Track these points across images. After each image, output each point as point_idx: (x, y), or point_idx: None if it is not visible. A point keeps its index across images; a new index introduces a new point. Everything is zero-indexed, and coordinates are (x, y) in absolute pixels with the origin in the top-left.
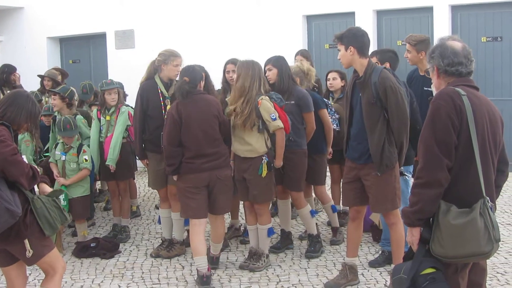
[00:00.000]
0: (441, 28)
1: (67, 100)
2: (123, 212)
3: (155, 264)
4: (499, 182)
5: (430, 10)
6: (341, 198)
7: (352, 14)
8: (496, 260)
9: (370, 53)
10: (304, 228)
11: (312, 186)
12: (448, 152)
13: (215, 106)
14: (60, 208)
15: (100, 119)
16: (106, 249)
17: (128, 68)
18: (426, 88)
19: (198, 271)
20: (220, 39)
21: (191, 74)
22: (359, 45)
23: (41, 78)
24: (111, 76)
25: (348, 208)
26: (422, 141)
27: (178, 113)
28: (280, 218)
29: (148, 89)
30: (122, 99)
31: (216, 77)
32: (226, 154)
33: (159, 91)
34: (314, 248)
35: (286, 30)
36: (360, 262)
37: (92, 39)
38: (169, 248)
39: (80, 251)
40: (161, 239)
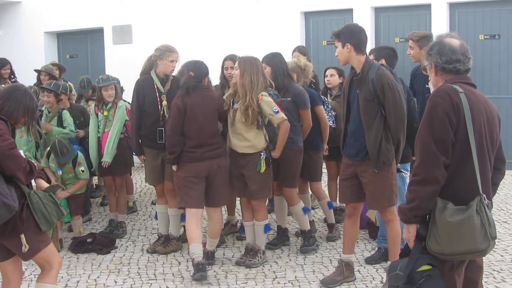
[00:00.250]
0: (439, 25)
1: (60, 96)
2: (119, 207)
3: (151, 259)
4: (495, 180)
5: (428, 7)
6: (337, 195)
7: (350, 11)
8: (492, 257)
9: (369, 51)
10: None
11: (309, 182)
12: (445, 149)
13: (218, 101)
14: (57, 203)
15: (97, 115)
16: (103, 244)
17: (125, 64)
18: (428, 86)
19: (194, 260)
20: (218, 35)
21: (198, 70)
22: (356, 42)
23: (37, 73)
24: (108, 71)
25: (345, 204)
26: (419, 138)
27: (184, 104)
28: (276, 215)
29: (144, 84)
30: (119, 95)
31: (213, 73)
32: (224, 145)
33: (155, 86)
34: (308, 242)
35: (284, 27)
36: (357, 259)
37: (89, 34)
38: (165, 244)
39: (76, 246)
40: (157, 235)
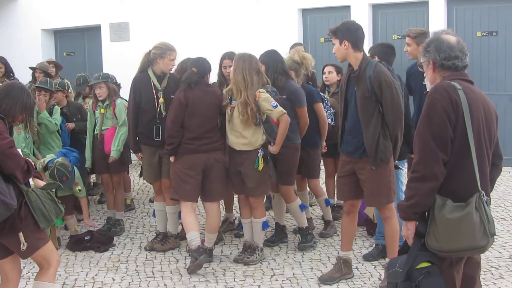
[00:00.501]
0: (436, 22)
1: (54, 94)
2: (117, 205)
3: (149, 257)
4: (493, 176)
5: (425, 4)
6: (335, 192)
7: (347, 8)
8: (490, 254)
9: (367, 48)
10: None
11: (307, 179)
12: (444, 146)
13: (218, 98)
14: (55, 200)
15: (95, 112)
16: (100, 242)
17: (122, 61)
18: (425, 83)
19: (191, 247)
20: (215, 32)
21: (200, 66)
22: (354, 39)
23: (32, 70)
24: (105, 68)
25: (343, 202)
26: (418, 135)
27: (185, 98)
28: (274, 212)
29: (141, 82)
30: (115, 92)
31: (212, 70)
32: (222, 139)
33: (152, 84)
34: (306, 239)
35: (281, 24)
36: (355, 256)
37: (86, 31)
38: (163, 242)
39: (74, 244)
40: (155, 232)
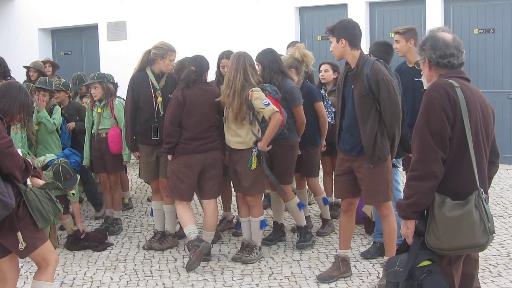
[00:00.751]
0: (433, 20)
1: (54, 94)
2: (114, 204)
3: (147, 256)
4: (490, 174)
5: (422, 1)
6: (333, 190)
7: (344, 6)
8: (488, 252)
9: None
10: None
11: (305, 178)
12: (443, 144)
13: (216, 96)
14: (53, 200)
15: (92, 111)
16: (97, 240)
17: (120, 60)
18: (417, 79)
19: (191, 237)
20: (212, 31)
21: (199, 64)
22: (351, 37)
23: (26, 69)
24: (103, 67)
25: (340, 200)
26: (417, 133)
27: (183, 96)
28: (273, 210)
29: (139, 81)
30: (111, 92)
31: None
32: (219, 138)
33: (150, 83)
34: (304, 238)
35: (278, 22)
36: (353, 254)
37: (84, 30)
38: (161, 241)
39: (72, 243)
40: (153, 232)
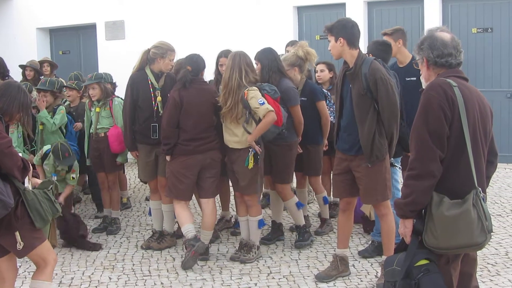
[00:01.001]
0: (431, 19)
1: (57, 94)
2: (112, 204)
3: (145, 256)
4: (488, 173)
5: (420, 1)
6: (331, 190)
7: (343, 5)
8: (486, 251)
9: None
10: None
11: (307, 177)
12: (441, 143)
13: (213, 95)
14: (51, 200)
15: (91, 111)
16: (91, 245)
17: (118, 59)
18: (408, 79)
19: (188, 236)
20: (211, 30)
21: (195, 63)
22: (349, 36)
23: (22, 69)
24: (101, 67)
25: (339, 199)
26: (415, 132)
27: (180, 97)
28: (272, 210)
29: (138, 80)
30: (108, 93)
31: (207, 68)
32: (217, 138)
33: (150, 82)
34: (303, 237)
35: (277, 21)
36: (351, 254)
37: (82, 30)
38: (159, 240)
39: (69, 242)
40: (151, 231)
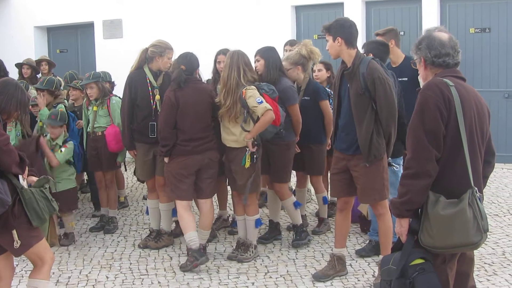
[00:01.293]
0: (429, 19)
1: (55, 93)
2: (110, 203)
3: (143, 255)
4: (485, 173)
5: (418, 1)
6: (329, 189)
7: (341, 5)
8: (483, 250)
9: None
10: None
11: (308, 177)
12: (437, 142)
13: (210, 94)
14: (48, 198)
15: (88, 109)
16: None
17: (115, 58)
18: (400, 79)
19: (192, 247)
20: (209, 29)
21: (188, 62)
22: (347, 36)
23: (19, 68)
24: (98, 65)
25: (336, 198)
26: (411, 132)
27: (176, 97)
28: (269, 209)
29: (136, 79)
30: (106, 92)
31: (205, 68)
32: (215, 138)
33: (148, 81)
34: (300, 237)
35: (275, 21)
36: (348, 253)
37: (79, 28)
38: (157, 239)
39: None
40: (149, 230)
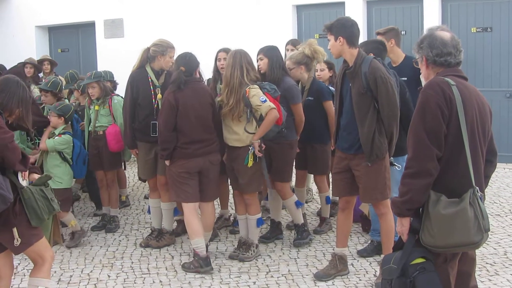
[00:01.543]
0: (431, 18)
1: (58, 95)
2: (111, 202)
3: (144, 254)
4: (487, 172)
5: (420, 0)
6: (330, 188)
7: (342, 4)
8: (485, 250)
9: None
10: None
11: (307, 176)
12: (438, 142)
13: (209, 94)
14: (48, 198)
15: (89, 108)
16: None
17: (117, 57)
18: (400, 79)
19: (199, 254)
20: (210, 28)
21: (188, 63)
22: (349, 35)
23: (21, 67)
24: (100, 65)
25: (338, 198)
26: (412, 131)
27: (175, 99)
28: (270, 208)
29: (138, 78)
30: (107, 91)
31: (206, 67)
32: (217, 140)
33: (150, 80)
34: (301, 236)
35: (276, 20)
36: (350, 253)
37: (81, 28)
38: (158, 238)
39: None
40: (150, 229)
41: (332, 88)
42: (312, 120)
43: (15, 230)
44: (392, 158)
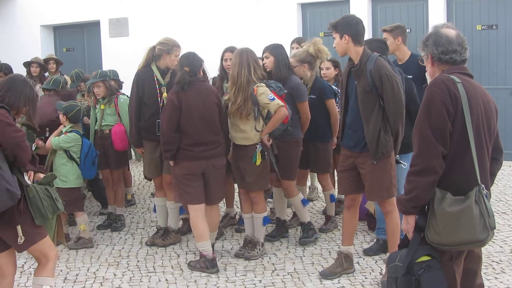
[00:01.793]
0: (436, 16)
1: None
2: (117, 200)
3: (150, 252)
4: (493, 170)
5: None
6: (336, 186)
7: (347, 2)
8: (491, 248)
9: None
10: (292, 215)
11: (309, 174)
12: (443, 139)
13: (215, 94)
14: (53, 197)
15: (95, 108)
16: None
17: (122, 57)
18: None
19: (206, 255)
20: (215, 27)
21: (191, 63)
22: (354, 33)
23: (27, 67)
24: (105, 64)
25: (344, 196)
26: (417, 128)
27: (179, 100)
28: (275, 206)
29: (144, 76)
30: (113, 90)
31: (211, 66)
32: (223, 143)
33: (155, 78)
34: (307, 234)
35: (281, 18)
36: (356, 251)
37: (86, 27)
38: (164, 237)
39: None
40: (156, 228)
41: (335, 87)
42: (315, 119)
43: (19, 227)
44: (398, 156)
